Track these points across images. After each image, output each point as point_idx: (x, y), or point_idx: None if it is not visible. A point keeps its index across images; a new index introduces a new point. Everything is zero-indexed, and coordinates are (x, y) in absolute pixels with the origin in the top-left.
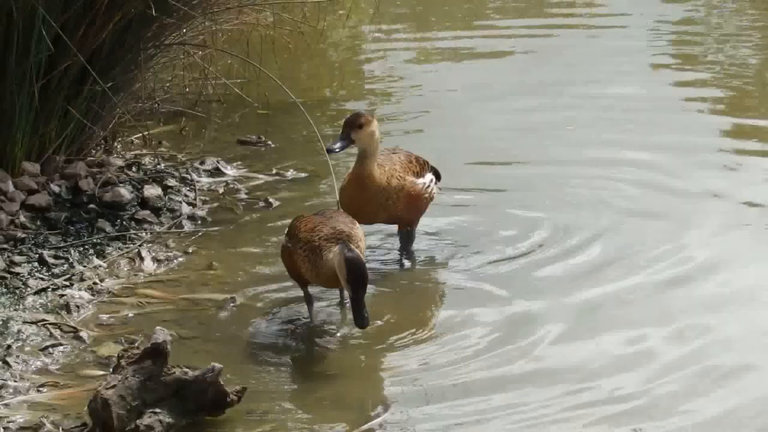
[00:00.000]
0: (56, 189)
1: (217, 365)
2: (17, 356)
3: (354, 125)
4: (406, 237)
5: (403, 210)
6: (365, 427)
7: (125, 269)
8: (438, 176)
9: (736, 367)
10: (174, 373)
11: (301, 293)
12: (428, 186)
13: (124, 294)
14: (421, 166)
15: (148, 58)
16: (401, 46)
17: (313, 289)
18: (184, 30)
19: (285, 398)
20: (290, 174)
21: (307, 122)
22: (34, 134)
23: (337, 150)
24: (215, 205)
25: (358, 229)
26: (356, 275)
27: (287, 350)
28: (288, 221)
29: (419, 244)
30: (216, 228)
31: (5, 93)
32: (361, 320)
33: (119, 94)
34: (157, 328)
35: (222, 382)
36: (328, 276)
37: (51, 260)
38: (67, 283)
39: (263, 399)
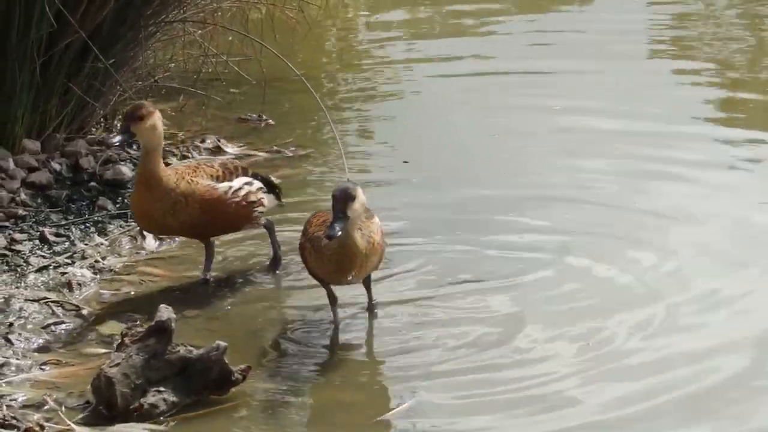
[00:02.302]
0: (57, 167)
1: (222, 343)
2: (19, 334)
3: (133, 118)
4: (208, 251)
5: (199, 217)
6: (389, 415)
7: (127, 247)
8: (272, 188)
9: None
10: (178, 351)
11: (302, 268)
12: (238, 189)
13: (125, 272)
14: (229, 171)
15: (149, 35)
16: (396, 27)
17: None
18: (185, 8)
19: (291, 378)
20: (290, 151)
21: (305, 99)
22: (35, 112)
23: (116, 143)
24: None
25: (373, 224)
26: (334, 190)
27: (293, 328)
28: (290, 199)
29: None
30: None
31: (6, 70)
32: (328, 230)
33: (120, 71)
34: (162, 305)
35: (227, 361)
36: (331, 257)
37: (52, 238)
38: (69, 261)
39: (269, 378)
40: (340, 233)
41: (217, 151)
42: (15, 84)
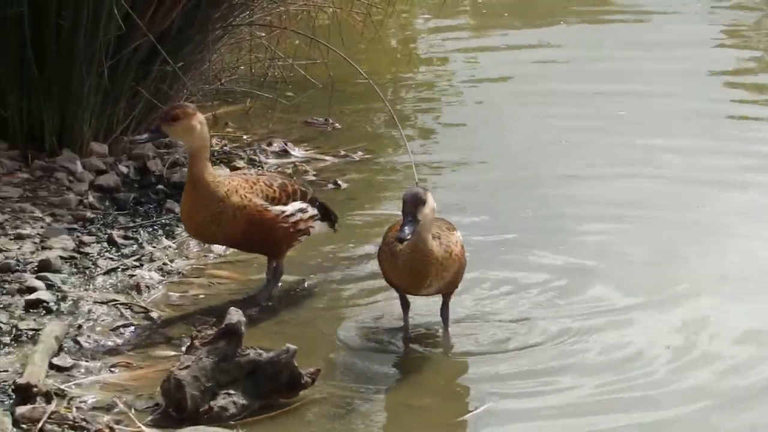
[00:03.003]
0: (124, 170)
1: (292, 346)
2: (88, 336)
3: (166, 118)
4: (271, 273)
5: (242, 233)
6: (463, 418)
7: (195, 250)
8: (326, 214)
9: None
10: (248, 354)
11: (373, 270)
12: (290, 215)
13: (193, 274)
14: (287, 194)
15: (217, 38)
16: (461, 36)
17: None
18: (252, 11)
19: (361, 381)
20: (358, 155)
21: (371, 102)
22: (102, 114)
23: (142, 141)
24: None
25: (454, 236)
26: (404, 194)
27: (363, 332)
28: (356, 202)
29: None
30: None
31: (74, 72)
32: (398, 233)
33: (187, 74)
34: (232, 308)
35: (296, 364)
36: (405, 262)
37: (120, 240)
38: (137, 264)
39: (338, 381)
40: (410, 236)
41: (284, 154)
42: (83, 86)
